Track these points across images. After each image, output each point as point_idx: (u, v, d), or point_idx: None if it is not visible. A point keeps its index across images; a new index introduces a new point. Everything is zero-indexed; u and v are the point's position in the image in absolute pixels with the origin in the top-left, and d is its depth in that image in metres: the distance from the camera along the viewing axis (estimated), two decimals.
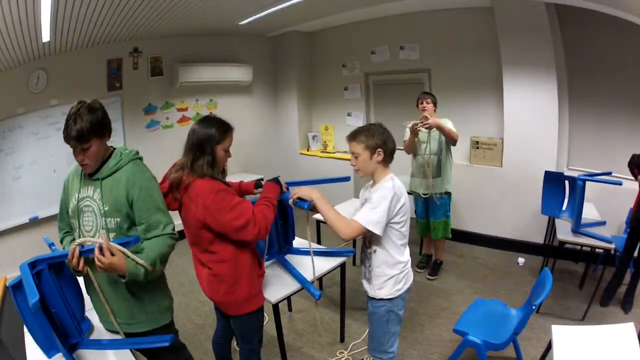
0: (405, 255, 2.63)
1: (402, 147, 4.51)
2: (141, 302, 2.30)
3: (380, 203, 2.37)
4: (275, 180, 2.72)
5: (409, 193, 4.89)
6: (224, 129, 2.41)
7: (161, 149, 5.91)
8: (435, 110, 4.58)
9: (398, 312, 2.67)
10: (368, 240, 2.61)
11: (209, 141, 2.34)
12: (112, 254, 1.94)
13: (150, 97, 6.13)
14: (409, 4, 5.66)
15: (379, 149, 2.45)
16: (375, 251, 2.57)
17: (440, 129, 4.33)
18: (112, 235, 2.17)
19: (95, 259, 1.91)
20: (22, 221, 4.86)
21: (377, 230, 2.36)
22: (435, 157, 4.58)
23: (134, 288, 2.24)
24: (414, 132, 4.44)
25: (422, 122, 4.31)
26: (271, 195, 2.57)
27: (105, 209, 2.15)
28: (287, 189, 2.78)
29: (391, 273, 2.56)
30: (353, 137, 2.53)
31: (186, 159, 2.37)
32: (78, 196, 2.21)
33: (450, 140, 4.47)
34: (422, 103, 4.57)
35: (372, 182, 2.61)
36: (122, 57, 5.66)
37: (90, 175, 2.20)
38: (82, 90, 5.01)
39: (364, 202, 2.57)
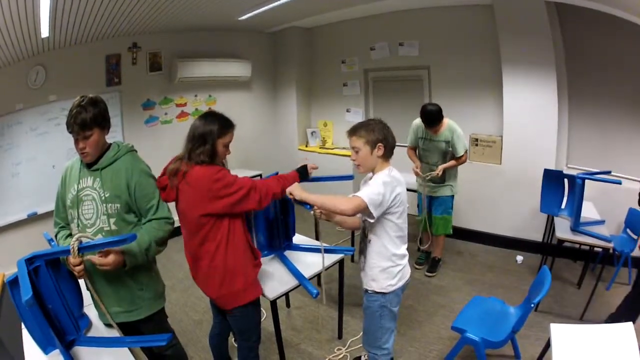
0: (402, 250, 2.62)
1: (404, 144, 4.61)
2: (141, 288, 2.45)
3: (377, 185, 2.38)
4: (301, 172, 2.84)
5: (413, 190, 4.92)
6: (225, 124, 2.49)
7: (159, 145, 5.91)
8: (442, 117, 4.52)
9: (392, 309, 2.67)
10: (366, 229, 2.62)
11: (210, 135, 2.41)
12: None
13: (149, 93, 6.11)
14: (409, 1, 5.65)
15: (380, 144, 2.46)
16: (370, 241, 2.59)
17: (450, 168, 4.52)
18: (112, 220, 2.31)
19: (98, 264, 2.13)
20: (21, 217, 4.83)
21: (374, 212, 2.34)
22: (440, 165, 4.57)
23: (134, 275, 2.38)
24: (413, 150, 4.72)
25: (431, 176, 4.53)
26: (286, 177, 2.71)
27: (106, 195, 2.28)
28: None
29: (384, 265, 2.57)
30: (353, 132, 2.53)
31: (185, 150, 2.46)
32: (77, 187, 2.32)
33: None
34: (432, 128, 4.51)
35: (371, 175, 2.60)
36: (120, 52, 5.63)
37: (89, 166, 2.32)
38: (81, 85, 4.98)
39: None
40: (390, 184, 2.40)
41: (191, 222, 2.46)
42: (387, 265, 2.57)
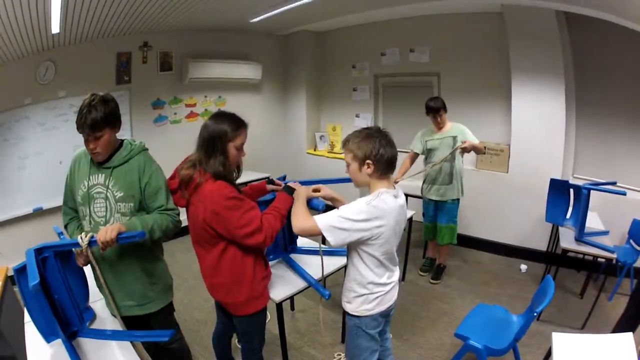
0: (383, 279, 2.34)
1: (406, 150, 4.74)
2: (152, 281, 2.48)
3: (348, 212, 2.12)
4: (288, 190, 2.54)
5: (418, 197, 4.99)
6: (236, 125, 2.31)
7: (168, 144, 5.83)
8: (446, 112, 4.62)
9: (367, 331, 2.41)
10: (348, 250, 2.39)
11: (221, 138, 2.26)
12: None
13: (159, 92, 6.14)
14: (420, 7, 5.65)
15: (368, 161, 2.15)
16: (347, 265, 2.42)
17: (476, 149, 4.56)
18: (125, 219, 2.30)
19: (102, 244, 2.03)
20: (27, 211, 4.87)
21: (331, 240, 2.10)
22: (448, 163, 4.59)
23: (147, 268, 2.42)
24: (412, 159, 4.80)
25: (459, 150, 4.51)
26: (281, 205, 2.44)
27: (119, 195, 2.28)
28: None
29: (360, 292, 2.34)
30: (344, 143, 2.28)
31: (198, 156, 2.31)
32: (88, 183, 2.30)
33: (481, 153, 4.81)
34: (435, 117, 4.60)
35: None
36: (131, 50, 5.66)
37: (100, 163, 2.30)
38: (91, 82, 5.03)
39: None
40: (368, 215, 2.12)
41: (199, 232, 2.35)
42: (363, 292, 2.34)
